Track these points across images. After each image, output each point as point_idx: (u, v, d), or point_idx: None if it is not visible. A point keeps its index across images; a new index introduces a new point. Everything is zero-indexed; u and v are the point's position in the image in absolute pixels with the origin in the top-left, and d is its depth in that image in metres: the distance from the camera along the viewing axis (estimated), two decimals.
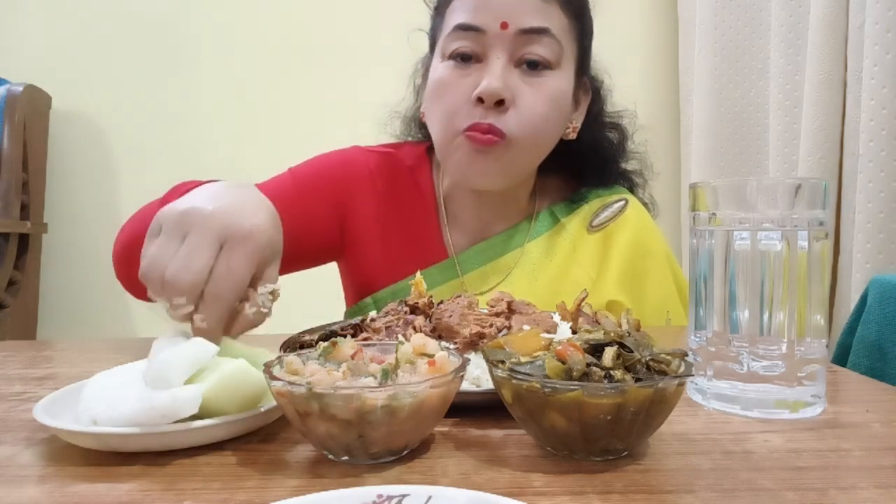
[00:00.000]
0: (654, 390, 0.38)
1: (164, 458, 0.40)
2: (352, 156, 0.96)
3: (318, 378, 0.39)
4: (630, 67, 2.02)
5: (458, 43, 0.81)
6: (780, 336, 0.48)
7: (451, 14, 0.83)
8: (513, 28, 0.78)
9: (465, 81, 0.80)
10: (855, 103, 1.30)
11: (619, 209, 0.92)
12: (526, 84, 0.80)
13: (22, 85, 1.94)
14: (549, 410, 0.39)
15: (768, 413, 0.48)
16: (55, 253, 2.09)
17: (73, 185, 2.11)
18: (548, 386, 0.38)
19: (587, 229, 0.91)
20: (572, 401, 0.37)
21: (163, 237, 0.53)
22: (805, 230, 0.48)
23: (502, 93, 0.77)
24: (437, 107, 0.83)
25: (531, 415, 0.40)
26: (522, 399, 0.40)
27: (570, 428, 0.39)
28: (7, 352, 0.78)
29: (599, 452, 0.40)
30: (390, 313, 0.60)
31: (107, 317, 2.11)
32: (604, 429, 0.38)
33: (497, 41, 0.79)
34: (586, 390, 0.37)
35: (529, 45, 0.79)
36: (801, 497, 0.35)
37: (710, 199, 0.50)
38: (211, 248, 0.52)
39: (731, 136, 1.74)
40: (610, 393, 0.37)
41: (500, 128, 0.78)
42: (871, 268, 1.21)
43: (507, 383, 0.40)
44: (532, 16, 0.79)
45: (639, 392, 0.37)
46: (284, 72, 2.05)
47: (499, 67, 0.78)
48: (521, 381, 0.39)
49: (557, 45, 0.80)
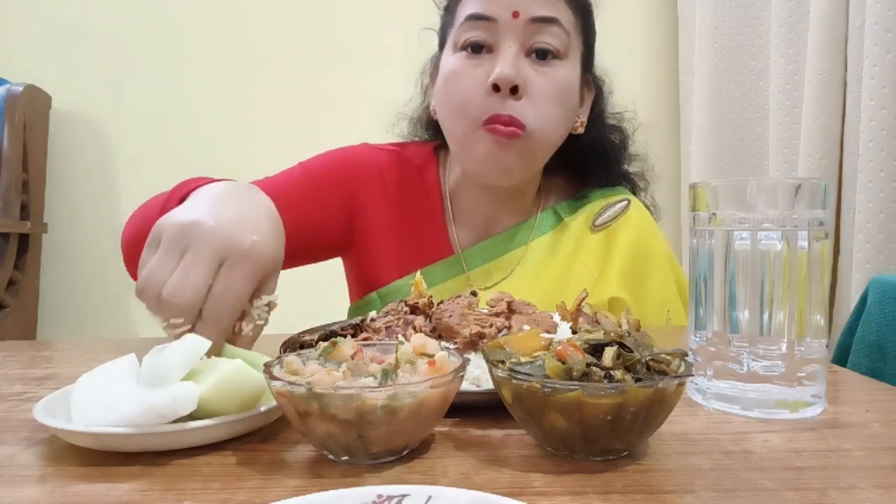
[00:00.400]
0: (654, 390, 0.38)
1: (164, 459, 0.40)
2: (362, 152, 0.96)
3: (318, 378, 0.39)
4: (630, 67, 2.02)
5: (471, 33, 0.82)
6: (780, 336, 0.48)
7: (463, 7, 0.84)
8: (524, 17, 0.80)
9: (477, 71, 0.81)
10: (855, 103, 1.30)
11: (621, 209, 0.93)
12: (536, 73, 0.81)
13: (22, 85, 1.94)
14: (549, 410, 0.39)
15: (768, 413, 0.48)
16: (55, 253, 2.09)
17: (73, 185, 2.12)
18: (548, 386, 0.38)
19: (590, 228, 0.92)
20: (572, 401, 0.37)
21: (161, 251, 0.52)
22: (805, 230, 0.48)
23: (516, 79, 0.79)
24: (451, 98, 0.84)
25: (531, 415, 0.40)
26: (522, 399, 0.40)
27: (570, 428, 0.39)
28: (7, 352, 0.78)
29: (599, 452, 0.40)
30: (390, 313, 0.60)
31: (107, 317, 2.11)
32: (604, 429, 0.38)
33: (508, 30, 0.81)
34: (586, 390, 0.37)
35: (539, 34, 0.81)
36: (801, 497, 0.35)
37: (710, 199, 0.50)
38: (209, 266, 0.51)
39: (731, 136, 1.74)
40: (610, 393, 0.37)
41: (519, 119, 0.80)
42: (871, 268, 1.21)
43: (507, 383, 0.40)
44: (542, 5, 0.81)
45: (639, 392, 0.37)
46: (285, 72, 2.05)
47: (511, 55, 0.80)
48: (522, 381, 0.39)
49: (566, 36, 0.82)
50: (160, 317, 0.51)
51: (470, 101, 0.81)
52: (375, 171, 0.94)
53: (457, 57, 0.84)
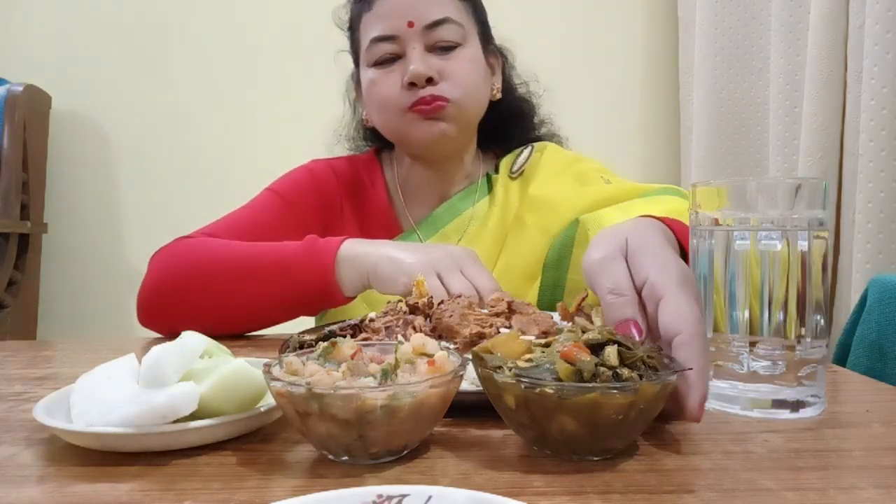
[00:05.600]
0: (661, 386, 0.39)
1: (164, 458, 0.40)
2: (320, 166, 1.05)
3: (317, 378, 0.39)
4: (630, 67, 2.02)
5: (379, 51, 0.93)
6: (780, 336, 0.48)
7: (365, 28, 0.95)
8: (419, 25, 0.91)
9: (393, 76, 0.92)
10: (855, 103, 1.30)
11: (528, 154, 1.03)
12: (444, 61, 0.92)
13: (22, 85, 1.94)
14: (561, 414, 0.38)
15: (768, 413, 0.48)
16: (55, 253, 2.09)
17: (73, 185, 2.12)
18: (565, 389, 0.38)
19: (509, 177, 1.02)
20: (589, 403, 0.37)
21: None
22: (805, 230, 0.48)
23: (428, 72, 0.89)
24: (376, 101, 0.94)
25: (536, 420, 0.39)
26: (530, 404, 0.39)
27: (579, 430, 0.38)
28: (7, 352, 0.78)
29: (599, 452, 0.40)
30: (390, 313, 0.60)
31: (107, 317, 2.11)
32: (612, 428, 0.38)
33: (409, 37, 0.91)
34: (602, 391, 0.37)
35: (437, 33, 0.92)
36: (801, 497, 0.35)
37: (711, 199, 0.50)
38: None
39: (731, 136, 1.74)
40: (624, 392, 0.37)
41: (440, 94, 0.90)
42: (871, 268, 1.21)
43: (514, 388, 0.39)
44: (431, 9, 0.91)
45: (649, 389, 0.38)
46: (285, 72, 2.06)
47: (417, 54, 0.90)
48: (532, 385, 0.38)
49: (460, 28, 0.93)
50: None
51: (394, 100, 0.91)
52: (334, 181, 1.04)
53: (372, 71, 0.94)
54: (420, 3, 0.91)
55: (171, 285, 0.83)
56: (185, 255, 0.84)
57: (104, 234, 2.12)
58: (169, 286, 0.83)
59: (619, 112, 2.01)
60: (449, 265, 0.74)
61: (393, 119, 0.93)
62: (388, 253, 0.77)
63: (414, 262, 0.75)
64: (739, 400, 0.48)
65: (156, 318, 0.84)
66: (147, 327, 0.85)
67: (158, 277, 0.84)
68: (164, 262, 0.85)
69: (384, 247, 0.78)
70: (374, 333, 0.57)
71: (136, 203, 2.10)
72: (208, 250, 0.84)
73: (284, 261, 0.79)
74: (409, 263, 0.75)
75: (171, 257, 0.85)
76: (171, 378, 0.42)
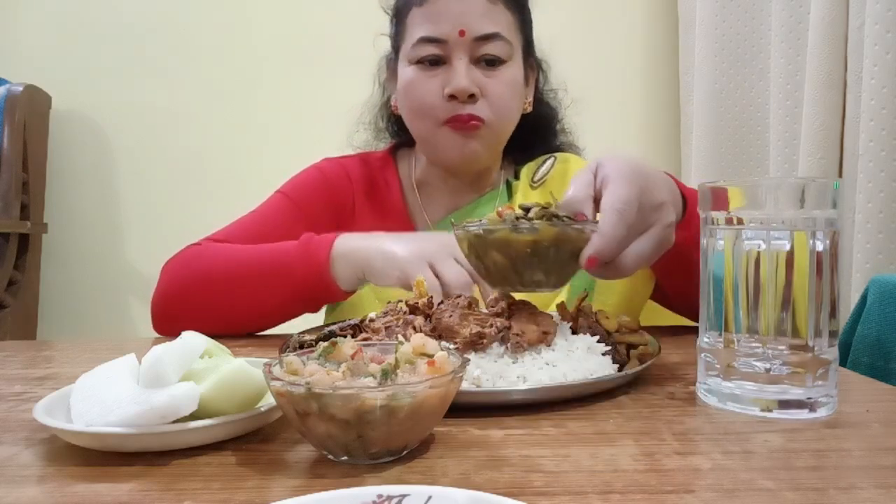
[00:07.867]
0: (559, 229, 0.54)
1: (164, 458, 0.40)
2: (331, 165, 1.04)
3: (317, 378, 0.39)
4: (630, 67, 2.02)
5: (423, 51, 0.91)
6: (791, 336, 0.48)
7: (412, 24, 0.93)
8: (469, 35, 0.90)
9: (434, 81, 0.91)
10: (855, 103, 1.30)
11: (551, 164, 1.03)
12: (488, 77, 0.91)
13: (22, 85, 1.94)
14: (490, 250, 0.56)
15: (785, 414, 0.47)
16: (55, 253, 2.09)
17: (73, 185, 2.12)
18: (485, 229, 0.55)
19: (530, 186, 1.02)
20: (503, 238, 0.55)
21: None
22: (815, 230, 0.48)
23: (471, 88, 0.89)
24: (412, 103, 0.93)
25: (480, 258, 0.57)
26: (473, 245, 0.57)
27: (504, 262, 0.55)
28: (7, 352, 0.78)
29: (530, 284, 0.56)
30: (390, 313, 0.60)
31: (107, 317, 2.11)
32: (528, 260, 0.54)
33: (457, 46, 0.90)
34: (510, 228, 0.54)
35: (485, 47, 0.91)
36: (801, 497, 0.35)
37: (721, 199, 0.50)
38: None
39: (731, 136, 1.74)
40: (527, 231, 0.54)
41: (478, 114, 0.90)
42: (871, 268, 1.21)
43: (465, 235, 0.58)
44: (484, 20, 0.90)
45: (547, 230, 0.54)
46: (285, 72, 2.06)
47: (463, 67, 0.90)
48: (470, 230, 0.57)
49: (508, 44, 0.92)
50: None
51: (432, 108, 0.91)
52: (347, 180, 1.03)
53: (412, 69, 0.93)
54: (474, 11, 0.89)
55: (180, 292, 0.85)
56: (192, 262, 0.87)
57: (104, 234, 2.12)
58: (178, 294, 0.85)
59: (619, 112, 2.01)
60: (441, 254, 0.74)
61: (426, 127, 0.93)
62: (380, 246, 0.77)
63: (406, 255, 0.75)
64: (755, 401, 0.48)
65: (168, 325, 0.86)
66: (161, 334, 0.87)
67: (168, 286, 0.86)
68: (173, 270, 0.87)
69: (378, 240, 0.79)
70: (374, 333, 0.57)
71: (136, 203, 2.10)
72: (214, 256, 0.86)
73: (282, 261, 0.81)
74: (401, 257, 0.75)
75: (180, 265, 0.87)
76: (171, 378, 0.42)
